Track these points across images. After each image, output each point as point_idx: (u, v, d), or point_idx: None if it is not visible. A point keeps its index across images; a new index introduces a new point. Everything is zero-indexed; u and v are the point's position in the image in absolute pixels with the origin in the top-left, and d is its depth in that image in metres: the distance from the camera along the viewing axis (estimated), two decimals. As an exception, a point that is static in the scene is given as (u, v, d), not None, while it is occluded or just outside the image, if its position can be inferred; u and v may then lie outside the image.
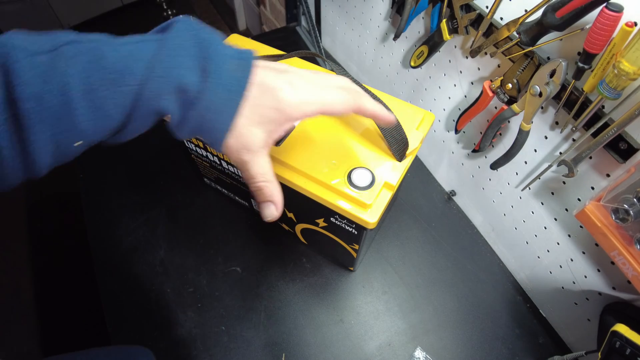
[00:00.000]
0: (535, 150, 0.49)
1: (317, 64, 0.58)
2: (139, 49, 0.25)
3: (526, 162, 0.51)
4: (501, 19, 0.45)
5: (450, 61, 0.57)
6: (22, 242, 1.37)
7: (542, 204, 0.51)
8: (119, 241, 0.64)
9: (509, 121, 0.50)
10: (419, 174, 0.75)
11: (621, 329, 0.39)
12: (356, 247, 0.52)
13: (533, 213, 0.54)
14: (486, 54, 0.50)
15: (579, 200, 0.46)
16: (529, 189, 0.52)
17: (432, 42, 0.55)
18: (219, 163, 0.56)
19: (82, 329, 1.15)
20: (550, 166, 0.45)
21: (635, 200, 0.35)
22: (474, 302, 0.60)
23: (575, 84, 0.38)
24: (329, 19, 0.88)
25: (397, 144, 0.45)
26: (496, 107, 0.53)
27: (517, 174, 0.54)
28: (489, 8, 0.44)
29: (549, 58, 0.42)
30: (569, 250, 0.49)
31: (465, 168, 0.65)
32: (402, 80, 0.71)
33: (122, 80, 0.24)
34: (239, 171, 0.54)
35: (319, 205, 0.46)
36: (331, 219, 0.48)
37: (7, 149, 0.22)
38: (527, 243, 0.57)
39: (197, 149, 0.56)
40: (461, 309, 0.59)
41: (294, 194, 0.47)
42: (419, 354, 0.55)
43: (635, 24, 0.31)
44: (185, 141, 0.57)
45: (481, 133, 0.57)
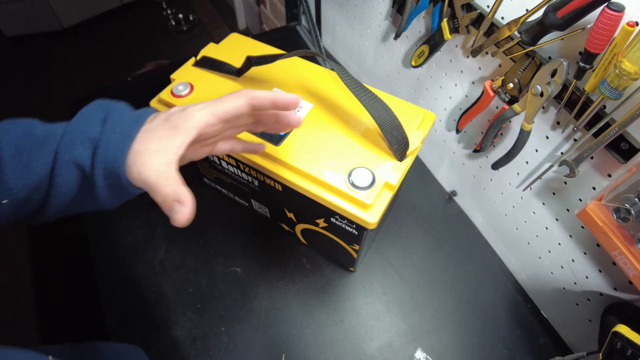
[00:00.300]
0: (537, 150, 0.49)
1: (317, 63, 0.58)
2: (63, 123, 0.31)
3: (527, 162, 0.51)
4: (502, 18, 0.45)
5: (451, 61, 0.57)
6: (22, 242, 1.37)
7: (544, 204, 0.51)
8: (119, 241, 0.64)
9: (510, 121, 0.50)
10: (419, 174, 0.75)
11: (622, 329, 0.39)
12: (356, 247, 0.52)
13: (534, 213, 0.54)
14: (487, 53, 0.50)
15: (580, 200, 0.46)
16: (530, 189, 0.52)
17: (433, 42, 0.55)
18: (218, 163, 0.56)
19: (81, 329, 1.15)
20: (551, 166, 0.45)
21: (636, 199, 0.35)
22: (475, 303, 0.60)
23: (576, 83, 0.38)
24: (329, 18, 0.88)
25: (397, 143, 0.45)
26: (497, 107, 0.53)
27: (518, 174, 0.54)
28: (490, 7, 0.44)
29: (550, 58, 0.42)
30: (571, 250, 0.49)
31: (466, 168, 0.65)
32: (403, 79, 0.71)
33: (46, 141, 0.30)
34: (234, 174, 0.54)
35: (319, 206, 0.46)
36: (331, 219, 0.48)
37: None
38: (528, 243, 0.57)
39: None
40: (462, 310, 0.59)
41: (294, 194, 0.47)
42: (419, 354, 0.55)
43: (637, 23, 0.31)
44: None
45: (482, 133, 0.57)
